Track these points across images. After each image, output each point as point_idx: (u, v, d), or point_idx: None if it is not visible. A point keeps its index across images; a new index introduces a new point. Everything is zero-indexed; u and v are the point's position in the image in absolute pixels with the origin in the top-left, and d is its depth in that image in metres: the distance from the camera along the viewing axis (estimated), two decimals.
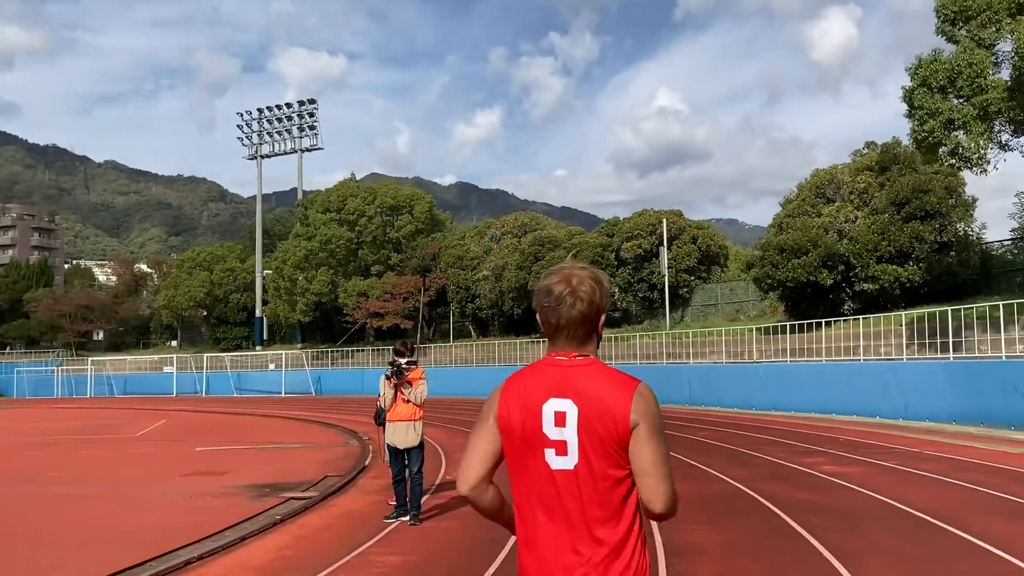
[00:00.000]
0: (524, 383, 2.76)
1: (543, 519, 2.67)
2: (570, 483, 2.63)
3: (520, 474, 2.71)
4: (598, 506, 2.62)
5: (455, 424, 26.36)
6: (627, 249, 46.96)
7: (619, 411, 2.61)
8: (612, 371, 2.74)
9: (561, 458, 2.64)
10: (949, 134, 20.68)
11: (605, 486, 2.62)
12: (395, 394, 10.00)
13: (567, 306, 2.74)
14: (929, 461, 14.56)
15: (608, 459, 2.61)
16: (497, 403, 2.76)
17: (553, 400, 2.68)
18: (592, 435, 2.62)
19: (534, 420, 2.67)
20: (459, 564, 7.75)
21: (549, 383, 2.71)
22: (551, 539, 2.65)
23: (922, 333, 26.57)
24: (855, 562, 7.34)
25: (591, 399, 2.65)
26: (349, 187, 62.99)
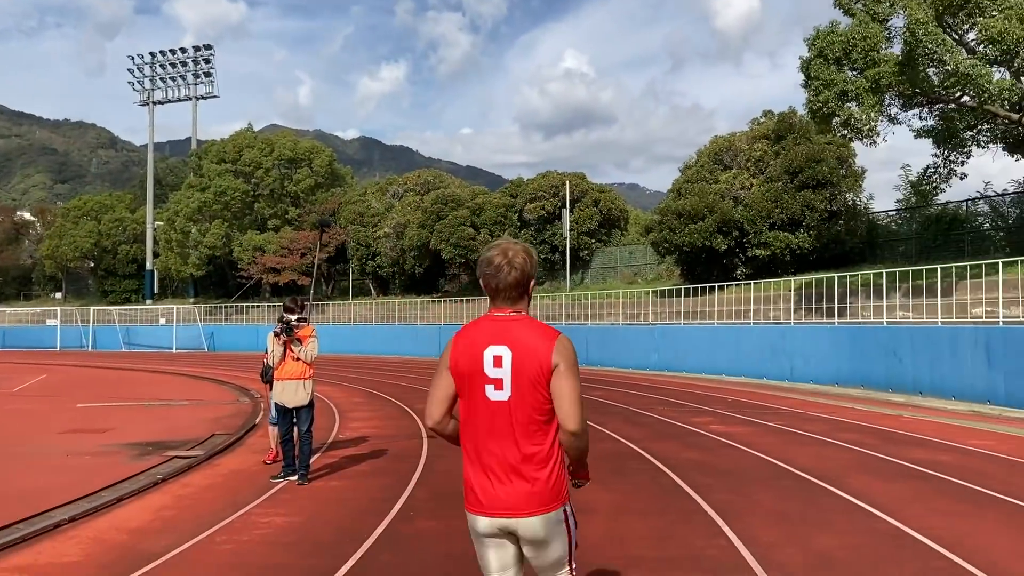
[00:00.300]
0: (470, 334, 3.56)
1: (484, 438, 3.47)
2: (504, 411, 3.44)
3: (467, 404, 3.52)
4: (525, 428, 3.43)
5: (352, 383, 26.03)
6: (530, 210, 47.01)
7: (544, 355, 3.43)
8: (539, 324, 3.57)
9: (498, 392, 3.45)
10: (842, 105, 21.25)
11: (531, 413, 3.43)
12: (284, 351, 9.69)
13: (504, 273, 3.54)
14: (812, 422, 15.09)
15: (534, 392, 3.42)
16: (449, 353, 3.57)
17: (492, 347, 3.48)
18: (522, 373, 3.42)
19: (477, 363, 3.48)
20: (346, 525, 7.59)
21: (489, 333, 3.51)
22: (491, 453, 3.45)
23: (809, 298, 27.49)
24: (739, 520, 7.49)
25: (522, 345, 3.45)
26: (246, 138, 60.98)
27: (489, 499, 3.46)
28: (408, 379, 27.44)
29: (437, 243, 45.74)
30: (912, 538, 6.80)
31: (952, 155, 25.35)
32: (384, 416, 16.70)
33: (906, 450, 11.54)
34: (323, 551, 6.69)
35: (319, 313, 53.87)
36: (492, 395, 3.46)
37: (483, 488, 3.48)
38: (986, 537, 6.80)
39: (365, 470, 10.50)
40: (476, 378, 3.49)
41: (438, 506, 8.28)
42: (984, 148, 24.96)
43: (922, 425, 14.53)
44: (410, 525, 7.52)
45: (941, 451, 11.45)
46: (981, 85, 19.24)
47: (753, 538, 6.86)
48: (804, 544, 6.67)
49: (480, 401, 3.48)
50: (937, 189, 26.59)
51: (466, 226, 45.56)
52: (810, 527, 7.24)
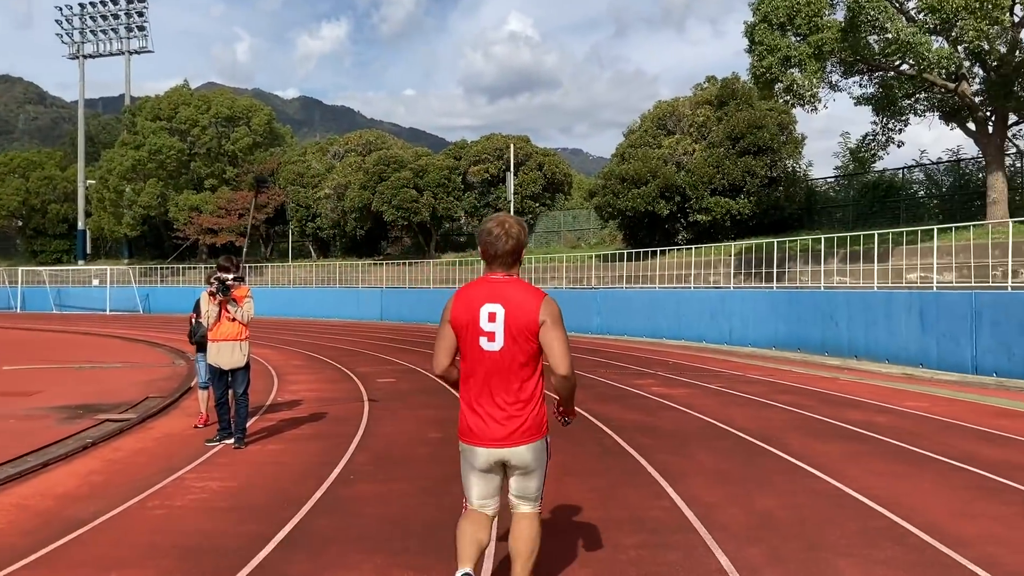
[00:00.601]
0: (468, 293, 4.20)
1: (483, 381, 4.15)
2: (497, 360, 4.11)
3: (465, 355, 4.19)
4: (514, 373, 4.11)
5: (291, 346, 25.65)
6: (474, 173, 46.66)
7: (532, 311, 4.08)
8: (528, 285, 4.22)
9: (491, 343, 4.10)
10: (785, 71, 21.34)
11: (520, 362, 4.11)
12: (219, 312, 9.38)
13: (502, 243, 4.17)
14: (751, 384, 15.27)
15: (522, 343, 4.09)
16: (451, 309, 4.23)
17: (487, 304, 4.12)
18: (513, 327, 4.08)
19: (474, 318, 4.12)
20: (284, 489, 7.39)
21: (485, 293, 4.15)
22: (486, 395, 4.14)
23: (749, 263, 27.81)
24: (681, 481, 7.49)
25: (514, 304, 4.09)
26: (182, 95, 59.21)
27: (486, 434, 4.15)
28: (349, 342, 27.13)
29: (379, 205, 45.15)
30: (852, 498, 6.86)
31: (891, 123, 25.72)
32: (324, 379, 16.45)
33: (843, 411, 11.72)
34: (260, 516, 6.50)
35: (257, 275, 52.97)
36: (486, 346, 4.12)
37: (479, 426, 4.17)
38: (923, 497, 6.89)
39: (304, 433, 10.29)
40: (472, 331, 4.14)
41: (378, 469, 8.13)
42: (921, 117, 25.38)
43: (858, 387, 14.80)
44: (350, 489, 7.36)
45: (877, 413, 11.66)
46: (921, 53, 19.47)
47: (696, 498, 6.85)
48: (746, 504, 6.69)
49: (475, 351, 4.14)
50: (876, 156, 27.04)
51: (409, 188, 45.02)
52: (751, 487, 7.27)
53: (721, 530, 5.97)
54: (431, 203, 45.42)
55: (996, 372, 16.14)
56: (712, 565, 5.26)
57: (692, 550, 5.55)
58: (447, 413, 11.82)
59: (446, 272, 43.47)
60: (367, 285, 46.39)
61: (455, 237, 52.32)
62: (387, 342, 27.16)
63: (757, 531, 5.95)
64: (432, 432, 10.24)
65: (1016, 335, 15.88)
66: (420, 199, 45.12)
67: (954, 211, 27.56)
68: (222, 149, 58.30)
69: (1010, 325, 16.00)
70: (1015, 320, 15.91)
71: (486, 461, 4.19)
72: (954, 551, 5.48)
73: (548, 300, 4.15)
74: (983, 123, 22.77)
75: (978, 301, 16.79)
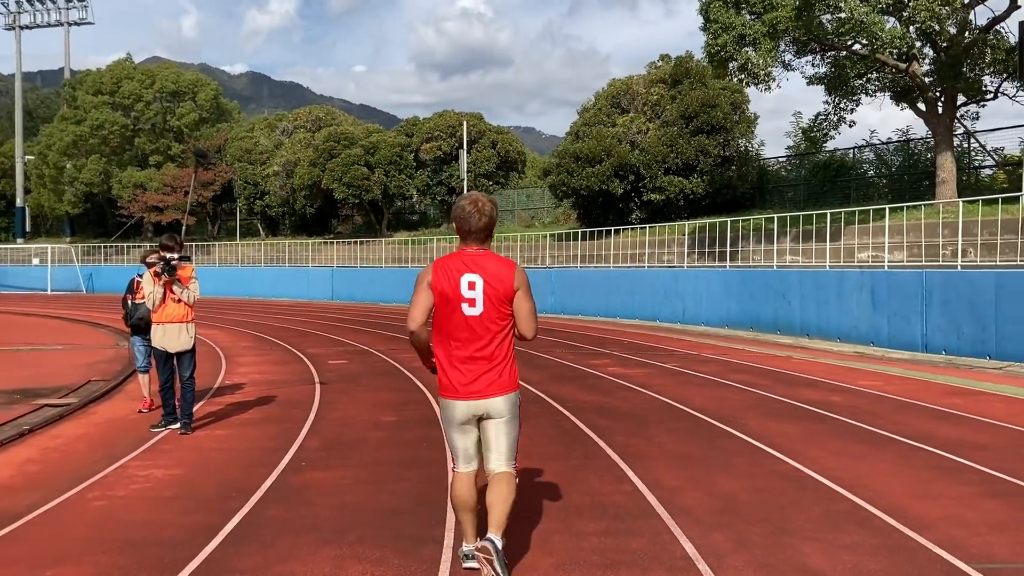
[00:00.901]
0: (447, 264, 4.59)
1: (459, 345, 4.58)
2: (477, 323, 4.56)
3: (444, 319, 4.59)
4: (492, 336, 4.58)
5: (240, 326, 25.13)
6: (426, 150, 46.13)
7: (508, 281, 4.58)
8: (500, 257, 4.68)
9: (472, 309, 4.55)
10: (740, 50, 21.30)
11: (497, 325, 4.59)
12: (165, 293, 9.02)
13: (475, 219, 4.60)
14: (706, 363, 15.27)
15: (500, 309, 4.58)
16: (431, 275, 4.58)
17: (467, 274, 4.55)
18: (491, 295, 4.54)
19: (455, 287, 4.53)
20: (232, 477, 7.11)
21: (463, 264, 4.58)
22: (467, 355, 4.58)
23: (702, 243, 27.90)
24: (641, 464, 7.37)
25: (491, 273, 4.56)
26: (125, 68, 57.54)
27: (465, 388, 4.59)
28: (299, 323, 26.67)
29: (329, 182, 44.42)
30: (814, 480, 6.80)
31: (842, 103, 25.90)
32: (274, 361, 16.08)
33: (798, 391, 11.74)
34: (207, 506, 6.23)
35: (205, 254, 51.99)
36: (467, 311, 4.56)
37: (460, 381, 4.60)
38: (884, 478, 6.85)
39: (253, 418, 9.98)
40: (453, 298, 4.55)
41: (331, 455, 7.88)
42: (872, 97, 25.59)
43: (811, 366, 14.88)
44: (301, 476, 7.11)
45: (832, 392, 11.69)
46: (874, 33, 19.54)
47: (657, 482, 6.73)
48: (708, 488, 6.58)
49: (458, 316, 4.56)
50: (828, 136, 27.21)
51: (360, 165, 44.35)
52: (712, 470, 7.17)
53: (685, 515, 5.85)
54: (382, 181, 44.83)
55: (945, 350, 16.36)
56: (677, 552, 5.13)
57: (656, 536, 5.42)
58: (401, 395, 11.59)
59: (398, 251, 43.01)
60: (317, 264, 45.74)
61: (407, 216, 51.79)
62: (338, 322, 26.76)
63: (721, 516, 5.84)
64: (386, 415, 10.00)
65: (965, 314, 16.08)
66: (371, 177, 44.51)
67: (903, 191, 27.92)
68: (167, 125, 56.92)
69: (959, 304, 16.20)
70: (964, 299, 16.11)
71: (465, 413, 4.64)
72: (918, 534, 5.42)
73: (520, 270, 4.69)
74: (933, 104, 23.01)
75: (928, 280, 16.98)
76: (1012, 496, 6.33)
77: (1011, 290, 15.24)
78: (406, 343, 19.41)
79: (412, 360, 15.93)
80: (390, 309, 34.13)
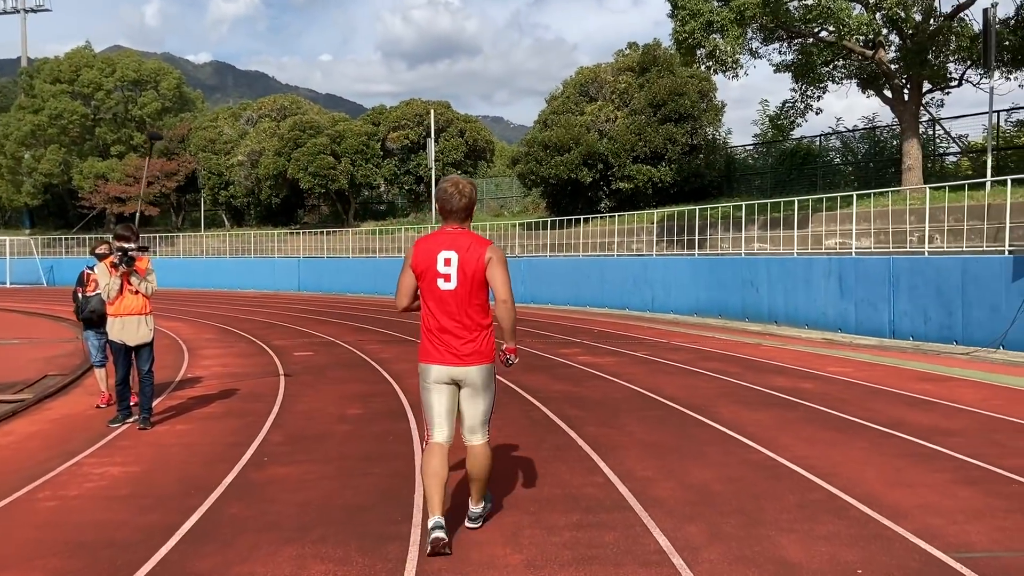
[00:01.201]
0: (427, 242, 4.96)
1: (440, 315, 4.93)
2: (451, 297, 4.91)
3: (424, 293, 4.98)
4: (468, 307, 4.93)
5: (204, 318, 24.71)
6: (393, 139, 45.70)
7: (481, 255, 4.90)
8: (477, 235, 5.05)
9: (447, 284, 4.90)
10: (708, 36, 21.19)
11: (471, 297, 4.92)
12: (122, 285, 8.73)
13: (456, 200, 4.98)
14: (676, 351, 15.20)
15: (473, 282, 4.90)
16: (411, 256, 4.98)
17: (443, 251, 4.90)
18: (465, 269, 4.87)
19: (432, 263, 4.89)
20: (192, 473, 6.87)
21: (442, 242, 4.93)
22: (443, 326, 4.93)
23: (671, 231, 27.86)
24: (613, 454, 7.24)
25: (465, 249, 4.90)
26: (84, 56, 56.36)
27: (442, 355, 4.96)
28: (265, 314, 26.29)
29: (295, 172, 43.86)
30: (787, 469, 6.70)
31: (809, 90, 25.92)
32: (238, 353, 15.77)
33: (769, 378, 11.68)
34: (164, 504, 5.99)
35: (169, 246, 51.24)
36: (442, 286, 4.93)
37: (437, 348, 4.97)
38: (857, 466, 6.77)
39: (215, 412, 9.71)
40: (431, 274, 4.93)
41: (294, 450, 7.66)
42: (839, 84, 25.64)
43: (781, 353, 14.86)
44: (263, 472, 6.89)
45: (802, 379, 11.64)
46: (841, 19, 19.53)
47: (629, 473, 6.60)
48: (681, 478, 6.46)
49: (435, 290, 4.94)
50: (795, 123, 27.24)
51: (326, 154, 43.84)
52: (684, 459, 7.05)
53: (658, 507, 5.71)
54: (349, 170, 44.36)
55: (912, 336, 16.43)
56: (651, 545, 4.99)
57: (629, 529, 5.28)
58: (368, 387, 11.37)
59: (365, 241, 42.60)
60: (284, 255, 45.21)
61: (375, 205, 51.32)
62: (305, 313, 26.41)
63: (695, 507, 5.71)
64: (352, 408, 9.78)
65: (932, 299, 16.16)
66: (338, 166, 44.02)
67: (869, 178, 28.06)
68: (129, 114, 55.91)
69: (926, 290, 16.27)
70: (931, 285, 16.18)
71: (439, 375, 4.98)
72: (894, 523, 5.33)
73: (494, 246, 5.05)
74: (899, 91, 23.09)
75: (896, 267, 17.03)
76: (986, 483, 6.27)
77: (977, 276, 15.32)
78: (374, 334, 19.20)
79: (379, 352, 15.71)
80: (358, 300, 33.79)
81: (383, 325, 21.53)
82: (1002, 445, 7.50)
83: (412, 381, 11.81)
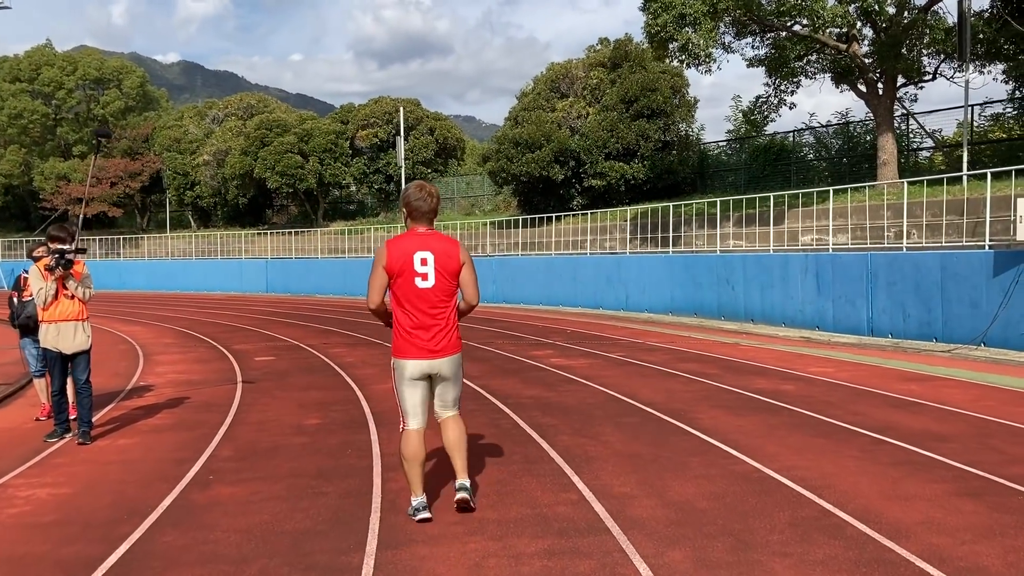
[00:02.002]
0: (400, 244, 5.29)
1: (416, 312, 5.27)
2: (429, 294, 5.29)
3: (399, 291, 5.28)
4: (442, 304, 5.33)
5: (165, 322, 23.94)
6: (362, 138, 44.97)
7: (456, 256, 5.37)
8: (445, 236, 5.48)
9: (425, 282, 5.28)
10: (680, 29, 20.76)
11: (446, 295, 5.35)
12: (57, 289, 8.10)
13: (426, 203, 5.41)
14: (652, 352, 14.72)
15: (449, 281, 5.35)
16: (385, 256, 5.27)
17: (419, 251, 5.28)
18: (441, 269, 5.30)
19: (409, 263, 5.24)
20: (128, 495, 6.26)
21: (416, 243, 5.30)
22: (423, 323, 5.27)
23: (644, 228, 27.44)
24: (588, 467, 6.71)
25: (440, 250, 5.32)
26: (44, 55, 55.11)
27: (418, 350, 5.26)
28: (230, 317, 25.54)
29: (262, 171, 43.01)
30: (776, 481, 6.20)
31: (783, 84, 25.60)
32: (196, 359, 15.08)
33: (749, 380, 11.22)
34: (91, 532, 5.39)
35: (133, 247, 50.16)
36: (420, 284, 5.25)
37: (413, 344, 5.26)
38: (850, 477, 6.29)
39: (163, 423, 9.08)
40: (408, 274, 5.23)
41: (243, 466, 7.06)
42: (812, 79, 25.33)
43: (759, 353, 14.43)
44: (206, 492, 6.28)
45: (784, 380, 11.20)
46: (816, 10, 19.17)
47: (605, 489, 6.07)
48: (662, 494, 5.94)
49: (412, 289, 5.24)
50: (768, 118, 26.92)
51: (293, 153, 43.04)
52: (665, 472, 6.54)
53: (637, 528, 5.19)
54: (317, 169, 43.58)
55: (892, 333, 16.07)
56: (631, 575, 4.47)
57: (606, 556, 4.75)
58: (329, 394, 10.78)
59: (335, 241, 41.85)
60: (251, 256, 44.33)
61: (344, 205, 50.54)
62: (270, 316, 25.69)
63: (678, 528, 5.20)
64: (310, 417, 9.18)
65: (911, 296, 15.81)
66: (305, 165, 43.23)
67: (843, 173, 27.80)
68: (91, 113, 54.72)
69: (905, 286, 15.92)
70: (910, 281, 15.83)
71: (416, 370, 5.30)
72: (896, 544, 4.84)
73: (463, 247, 5.47)
74: (873, 85, 22.80)
75: (873, 263, 16.68)
76: (989, 495, 5.81)
77: (957, 272, 14.98)
78: (340, 336, 18.57)
79: (344, 355, 15.10)
80: (326, 301, 33.07)
81: (350, 327, 20.90)
82: (1000, 451, 7.06)
83: (376, 387, 11.24)
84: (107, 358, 14.99)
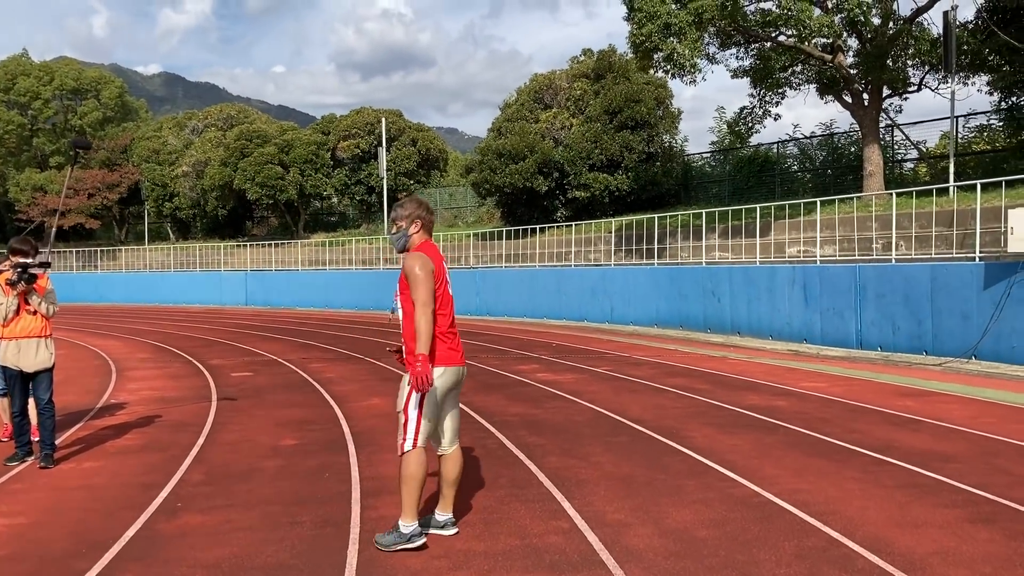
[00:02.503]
0: (429, 250, 5.29)
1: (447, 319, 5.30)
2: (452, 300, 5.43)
3: (444, 298, 5.29)
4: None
5: (141, 336, 23.41)
6: (344, 148, 44.56)
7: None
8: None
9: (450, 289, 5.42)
10: (665, 40, 20.54)
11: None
12: (19, 304, 7.70)
13: (433, 216, 5.58)
14: (639, 366, 14.41)
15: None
16: (432, 263, 5.19)
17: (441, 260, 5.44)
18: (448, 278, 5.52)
19: (443, 270, 5.33)
20: (89, 526, 5.86)
21: (435, 252, 5.35)
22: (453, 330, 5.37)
23: (629, 240, 27.20)
24: (579, 492, 6.37)
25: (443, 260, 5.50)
26: (20, 64, 54.38)
27: (460, 356, 5.32)
28: (207, 331, 25.04)
29: (241, 183, 42.50)
30: (777, 506, 5.88)
31: (768, 95, 25.46)
32: (171, 375, 14.62)
33: (740, 395, 10.93)
34: (46, 568, 4.99)
35: (111, 259, 49.45)
36: (451, 291, 5.38)
37: (457, 350, 5.29)
38: (855, 501, 5.98)
39: (132, 444, 8.65)
40: (444, 280, 5.27)
41: (215, 492, 6.66)
42: (797, 89, 25.21)
43: (748, 367, 14.15)
44: (173, 521, 5.89)
45: (776, 395, 10.91)
46: (802, 20, 19.01)
47: (598, 517, 5.73)
48: (658, 521, 5.61)
49: (447, 295, 5.28)
50: (753, 129, 26.76)
51: (274, 164, 42.57)
52: (660, 497, 6.21)
53: (634, 561, 4.86)
54: (298, 180, 43.13)
55: (881, 346, 15.86)
56: None
57: None
58: (307, 412, 10.38)
59: (316, 253, 41.37)
60: (231, 268, 43.76)
61: (325, 216, 50.07)
62: (250, 329, 25.21)
63: (677, 560, 4.86)
64: (287, 438, 8.79)
65: (900, 308, 15.60)
66: (286, 176, 42.78)
67: (827, 185, 27.68)
68: (68, 124, 54.06)
69: (894, 298, 15.72)
70: (899, 293, 15.62)
71: (457, 377, 5.29)
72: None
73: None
74: (859, 95, 22.68)
75: (862, 274, 16.47)
76: (1003, 521, 5.52)
77: (947, 284, 14.79)
78: (320, 351, 18.14)
79: (323, 371, 14.69)
80: (307, 314, 32.59)
81: (330, 341, 20.48)
82: (1008, 472, 6.77)
83: (355, 405, 10.85)
84: (79, 374, 14.52)
